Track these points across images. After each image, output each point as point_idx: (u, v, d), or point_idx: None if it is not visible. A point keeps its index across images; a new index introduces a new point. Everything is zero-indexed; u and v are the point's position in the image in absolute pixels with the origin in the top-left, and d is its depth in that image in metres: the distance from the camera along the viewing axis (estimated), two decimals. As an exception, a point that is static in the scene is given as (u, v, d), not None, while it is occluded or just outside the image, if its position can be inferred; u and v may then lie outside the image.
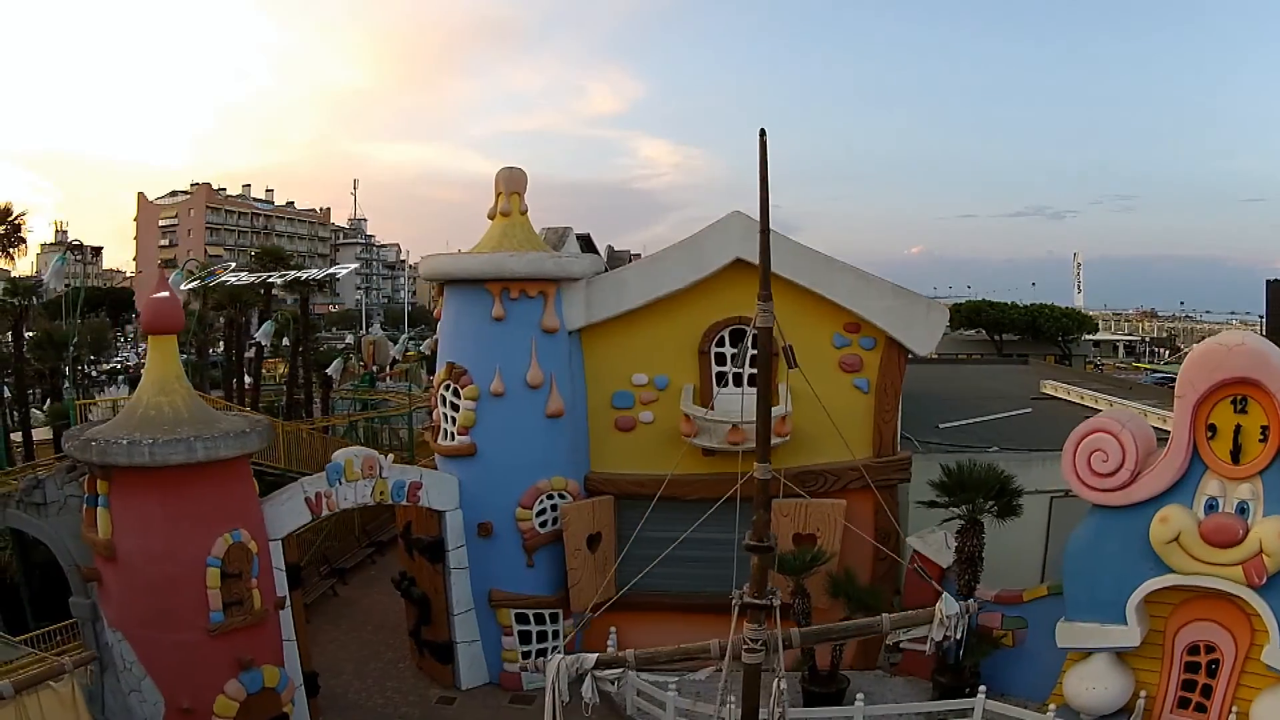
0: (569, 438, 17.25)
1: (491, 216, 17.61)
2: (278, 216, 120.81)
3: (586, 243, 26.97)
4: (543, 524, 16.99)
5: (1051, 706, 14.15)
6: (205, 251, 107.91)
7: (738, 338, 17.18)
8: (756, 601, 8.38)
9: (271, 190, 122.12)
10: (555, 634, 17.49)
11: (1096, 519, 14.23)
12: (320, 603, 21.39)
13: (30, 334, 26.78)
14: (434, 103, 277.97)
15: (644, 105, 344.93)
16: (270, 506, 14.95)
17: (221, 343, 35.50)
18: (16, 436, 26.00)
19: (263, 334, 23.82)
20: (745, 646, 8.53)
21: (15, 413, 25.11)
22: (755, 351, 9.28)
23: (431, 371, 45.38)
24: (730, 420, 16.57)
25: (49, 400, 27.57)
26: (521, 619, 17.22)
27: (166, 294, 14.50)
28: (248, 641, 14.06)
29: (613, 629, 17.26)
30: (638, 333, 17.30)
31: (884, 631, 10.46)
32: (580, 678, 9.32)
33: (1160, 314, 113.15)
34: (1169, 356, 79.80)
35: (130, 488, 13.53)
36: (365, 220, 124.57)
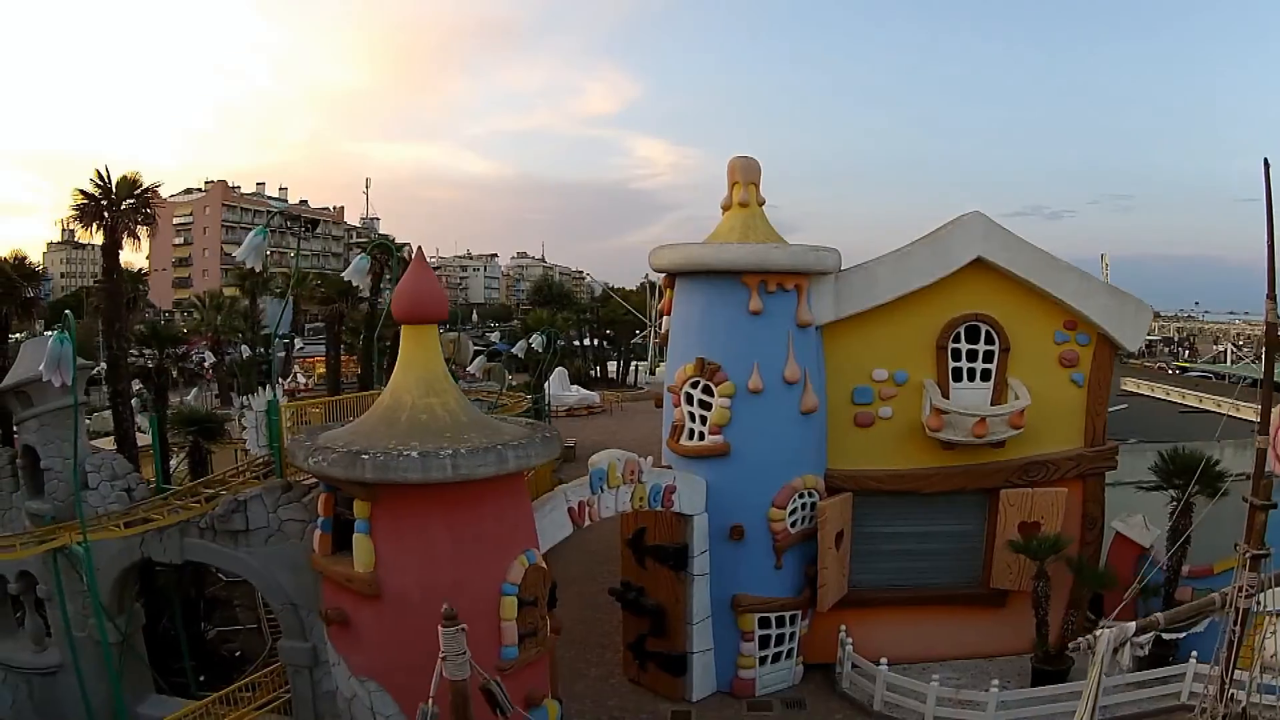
0: (817, 435, 14.70)
1: (726, 207, 15.15)
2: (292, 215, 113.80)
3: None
4: (794, 524, 14.54)
5: (1257, 666, 12.92)
6: (221, 249, 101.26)
7: (972, 334, 15.60)
8: (1260, 552, 8.63)
9: (285, 188, 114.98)
10: (793, 636, 15.08)
11: None
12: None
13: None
14: (431, 103, 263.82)
15: (641, 105, 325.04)
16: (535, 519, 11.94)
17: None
18: (101, 441, 21.84)
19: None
20: (1244, 594, 8.70)
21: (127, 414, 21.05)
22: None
23: (517, 370, 41.43)
24: (978, 413, 14.71)
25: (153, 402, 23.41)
26: (764, 623, 14.72)
27: (427, 278, 11.35)
28: (534, 675, 11.15)
29: (843, 626, 15.36)
30: (879, 328, 15.10)
31: None
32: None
33: (1162, 314, 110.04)
34: (1187, 355, 78.19)
35: (406, 508, 10.34)
36: (378, 219, 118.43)
